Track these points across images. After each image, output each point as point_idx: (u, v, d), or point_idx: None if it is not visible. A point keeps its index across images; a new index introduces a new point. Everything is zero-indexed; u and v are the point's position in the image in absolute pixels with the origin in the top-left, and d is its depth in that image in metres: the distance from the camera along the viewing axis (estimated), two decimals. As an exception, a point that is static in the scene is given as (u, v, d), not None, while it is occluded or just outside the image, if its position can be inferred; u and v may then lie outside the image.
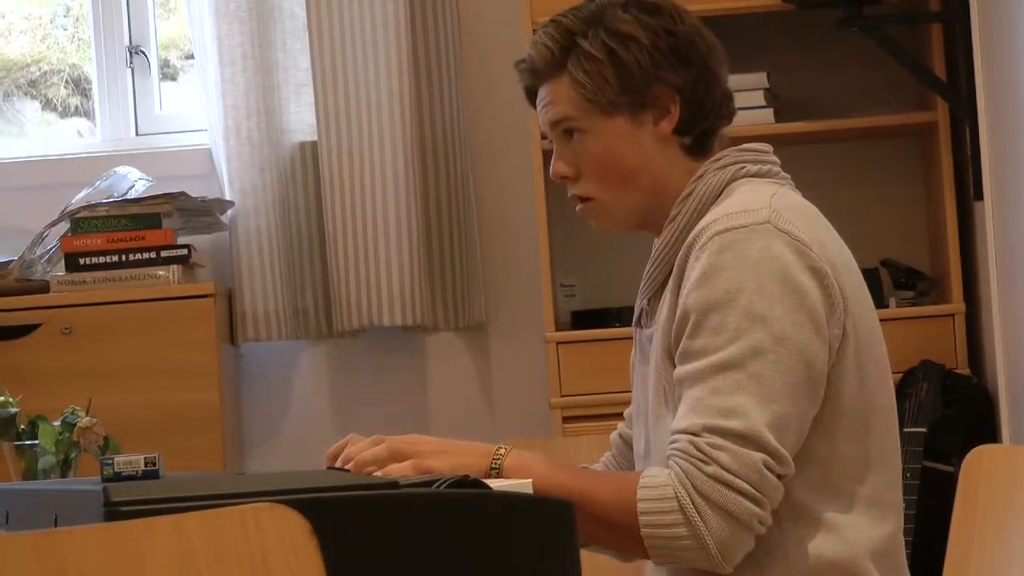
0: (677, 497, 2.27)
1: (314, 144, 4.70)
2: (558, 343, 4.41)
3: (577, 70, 2.49)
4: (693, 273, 2.35)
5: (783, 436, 2.29)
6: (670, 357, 2.40)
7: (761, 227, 2.35)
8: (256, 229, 4.64)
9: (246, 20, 4.67)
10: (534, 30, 4.38)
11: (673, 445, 2.30)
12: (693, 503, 2.27)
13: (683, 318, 2.36)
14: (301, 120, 4.74)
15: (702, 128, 2.51)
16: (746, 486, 2.26)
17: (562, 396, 4.38)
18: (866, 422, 2.39)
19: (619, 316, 4.48)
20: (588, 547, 2.43)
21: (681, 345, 2.36)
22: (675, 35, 2.49)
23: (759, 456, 2.27)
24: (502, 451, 2.39)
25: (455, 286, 4.71)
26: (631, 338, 2.50)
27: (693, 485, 2.27)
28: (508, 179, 4.77)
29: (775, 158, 2.53)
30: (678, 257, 2.41)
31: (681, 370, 2.35)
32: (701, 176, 2.47)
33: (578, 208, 2.57)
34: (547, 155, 4.45)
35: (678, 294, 2.38)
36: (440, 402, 4.79)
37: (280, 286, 4.65)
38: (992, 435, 4.15)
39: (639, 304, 2.55)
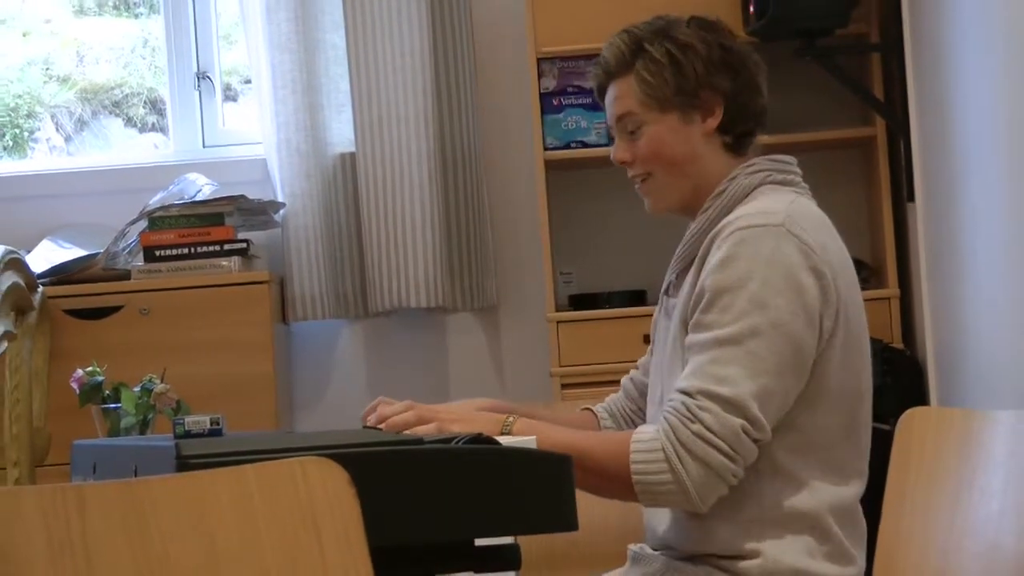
0: (664, 449, 2.28)
1: (353, 155, 4.70)
2: (558, 322, 4.41)
3: (643, 70, 2.48)
4: (713, 259, 2.35)
5: (765, 406, 2.28)
6: (685, 326, 2.39)
7: (776, 229, 2.34)
8: (304, 226, 4.64)
9: (295, 50, 4.66)
10: (539, 58, 4.43)
11: (670, 402, 2.31)
12: (677, 454, 2.27)
13: (699, 295, 2.35)
14: (341, 134, 4.73)
15: (742, 130, 2.50)
16: (723, 444, 2.26)
17: (561, 367, 4.38)
18: (844, 401, 2.38)
19: (610, 299, 4.47)
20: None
21: (694, 317, 2.35)
22: (727, 49, 2.49)
23: (739, 422, 2.26)
24: (510, 420, 2.41)
25: (471, 274, 4.70)
26: (622, 318, 2.49)
27: (678, 438, 2.27)
28: (515, 183, 4.76)
29: (798, 170, 2.52)
30: (704, 243, 2.41)
31: (691, 338, 2.35)
32: (734, 178, 2.46)
33: (637, 187, 2.56)
34: (549, 163, 4.47)
35: (699, 274, 2.38)
36: (458, 371, 4.78)
37: (324, 274, 4.65)
38: (922, 399, 4.15)
39: (668, 276, 2.54)
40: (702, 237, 2.43)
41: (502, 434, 2.37)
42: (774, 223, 2.35)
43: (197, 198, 4.55)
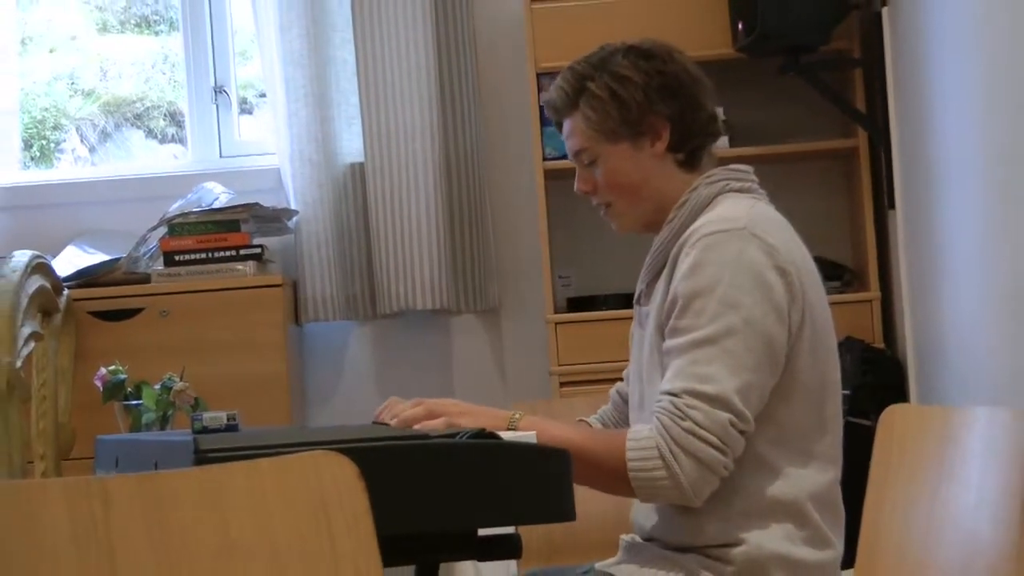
0: (658, 446, 2.27)
1: (362, 165, 4.70)
2: (556, 323, 4.41)
3: (586, 108, 2.50)
4: (683, 266, 2.35)
5: (747, 400, 2.28)
6: (661, 332, 2.39)
7: (739, 232, 2.35)
8: (316, 232, 4.64)
9: (307, 66, 4.66)
10: (538, 73, 4.43)
11: (658, 403, 2.31)
12: (671, 451, 2.27)
13: (672, 302, 2.35)
14: (351, 145, 4.73)
15: (692, 146, 2.51)
16: (714, 439, 2.26)
17: (559, 366, 4.38)
18: (816, 393, 2.38)
19: (606, 301, 4.47)
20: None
21: (670, 323, 2.35)
22: (665, 74, 2.49)
23: (726, 416, 2.26)
24: (517, 416, 2.40)
25: (474, 277, 4.70)
26: (617, 319, 2.50)
27: (671, 436, 2.27)
28: (516, 191, 4.76)
29: (755, 178, 2.53)
30: (672, 252, 2.41)
31: (669, 343, 2.35)
32: (695, 188, 2.47)
33: (602, 213, 2.58)
34: (548, 172, 4.47)
35: (670, 282, 2.38)
36: (462, 370, 4.78)
37: (335, 277, 4.65)
38: (902, 396, 4.15)
39: (639, 286, 2.54)
40: (669, 246, 2.44)
41: (508, 429, 2.36)
42: (737, 227, 2.35)
43: (214, 206, 4.55)
